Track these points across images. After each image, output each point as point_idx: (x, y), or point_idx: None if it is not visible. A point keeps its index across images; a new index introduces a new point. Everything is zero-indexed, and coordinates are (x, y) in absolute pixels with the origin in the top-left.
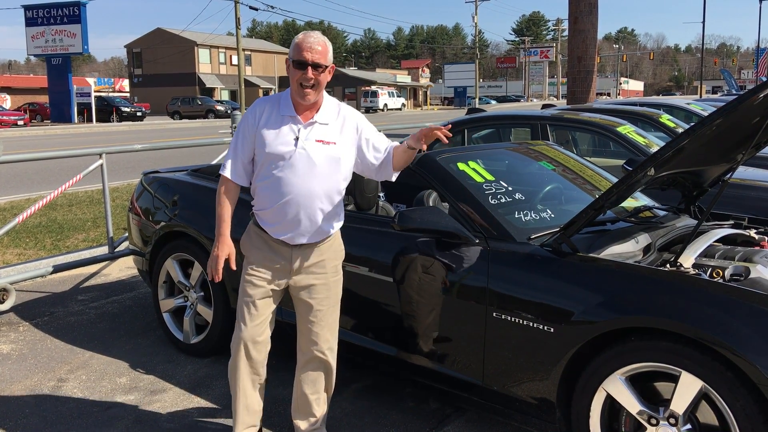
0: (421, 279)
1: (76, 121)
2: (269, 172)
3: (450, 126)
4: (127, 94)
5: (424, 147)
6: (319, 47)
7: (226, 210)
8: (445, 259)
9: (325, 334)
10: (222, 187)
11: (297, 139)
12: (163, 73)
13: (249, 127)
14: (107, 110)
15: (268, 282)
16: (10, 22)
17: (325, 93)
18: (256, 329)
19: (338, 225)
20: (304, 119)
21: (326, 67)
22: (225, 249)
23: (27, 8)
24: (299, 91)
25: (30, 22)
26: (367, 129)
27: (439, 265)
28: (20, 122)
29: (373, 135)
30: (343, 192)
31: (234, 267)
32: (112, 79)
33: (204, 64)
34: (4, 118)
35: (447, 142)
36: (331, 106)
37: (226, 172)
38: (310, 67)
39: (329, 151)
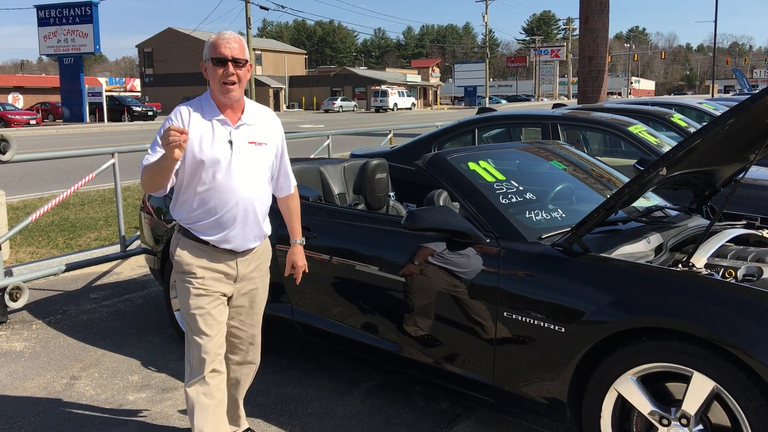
0: (431, 278)
1: (87, 120)
2: (205, 180)
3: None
4: (139, 94)
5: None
6: (236, 44)
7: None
8: (455, 258)
9: (257, 335)
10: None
11: (231, 142)
12: (174, 73)
13: None
14: (119, 110)
15: (216, 290)
16: (23, 22)
17: (244, 96)
18: (218, 340)
19: (270, 227)
20: (233, 121)
21: (246, 62)
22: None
23: (39, 8)
24: (222, 89)
25: (42, 22)
26: (284, 143)
27: (449, 265)
28: (33, 122)
29: (287, 159)
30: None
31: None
32: (124, 79)
33: None
34: (17, 117)
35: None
36: (253, 106)
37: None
38: (230, 63)
39: (261, 152)
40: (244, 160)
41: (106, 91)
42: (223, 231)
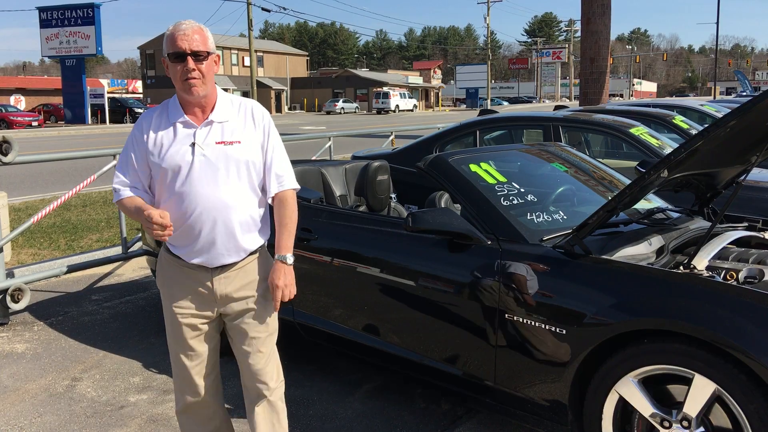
0: (432, 280)
1: (89, 122)
2: (170, 188)
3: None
4: (141, 95)
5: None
6: (196, 35)
7: (136, 201)
8: (457, 260)
9: (266, 367)
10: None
11: (194, 144)
12: None
13: (137, 143)
14: (120, 111)
15: (194, 316)
16: (25, 23)
17: (219, 89)
18: (199, 370)
19: (263, 239)
20: (198, 121)
21: (208, 54)
22: (154, 211)
23: (41, 10)
24: (184, 87)
25: (44, 24)
26: (275, 138)
27: (450, 267)
28: (34, 123)
29: (278, 155)
30: (264, 198)
31: (169, 223)
32: (126, 81)
33: None
34: (19, 119)
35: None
36: (227, 100)
37: (123, 195)
38: (189, 57)
39: (233, 152)
40: (209, 163)
41: (108, 92)
42: (190, 243)
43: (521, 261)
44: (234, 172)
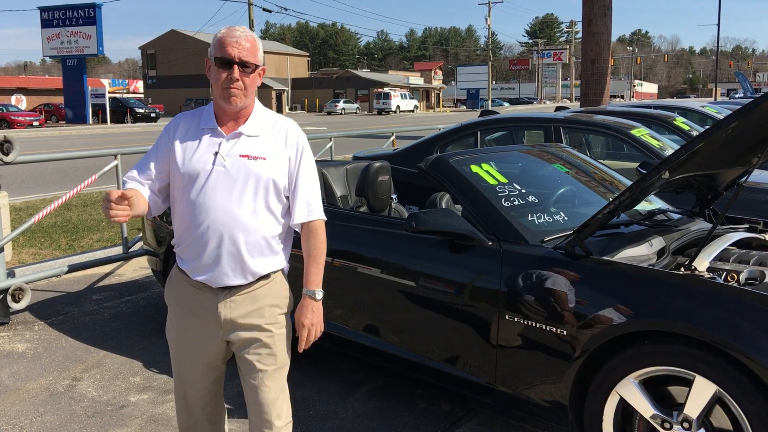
0: (433, 281)
1: (90, 121)
2: (184, 196)
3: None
4: (141, 96)
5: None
6: (248, 43)
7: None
8: (457, 260)
9: (273, 403)
10: None
11: (216, 154)
12: (177, 75)
13: (162, 146)
14: (121, 111)
15: (195, 340)
16: (26, 23)
17: (258, 102)
18: (198, 399)
19: (277, 265)
20: (227, 131)
21: (256, 67)
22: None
23: (43, 10)
24: (223, 95)
25: (45, 24)
26: (307, 162)
27: (451, 267)
28: (35, 123)
29: (307, 180)
30: (283, 220)
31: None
32: (127, 81)
33: None
34: (20, 118)
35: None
36: (263, 116)
37: (126, 187)
38: (236, 66)
39: (256, 167)
40: (228, 176)
41: (109, 92)
42: (196, 257)
43: (522, 262)
44: (252, 188)
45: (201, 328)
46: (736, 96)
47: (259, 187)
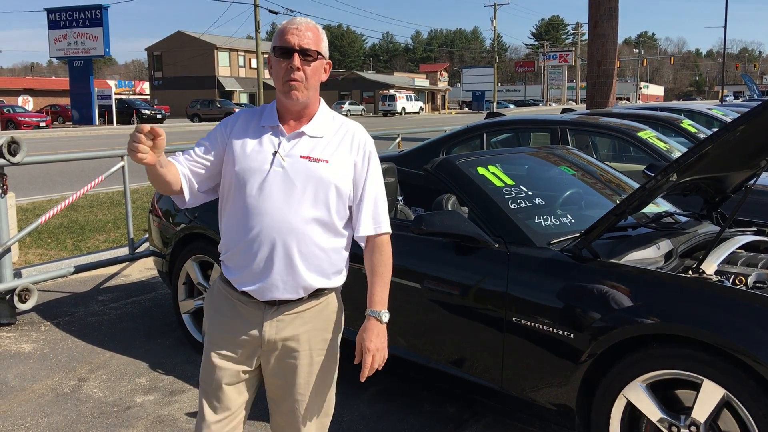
0: (439, 283)
1: (97, 123)
2: (236, 196)
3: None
4: (148, 97)
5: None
6: (309, 32)
7: (169, 163)
8: (464, 263)
9: None
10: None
11: (275, 153)
12: (183, 76)
13: (216, 138)
14: (128, 112)
15: (233, 360)
16: (33, 24)
17: (324, 103)
18: (224, 425)
19: (335, 281)
20: (289, 129)
21: (318, 55)
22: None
23: (50, 11)
24: (284, 88)
25: (52, 25)
26: (375, 171)
27: (458, 270)
28: (42, 124)
29: (375, 189)
30: (345, 231)
31: (160, 132)
32: (133, 82)
33: (223, 67)
34: (27, 119)
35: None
36: (329, 116)
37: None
38: (296, 54)
39: (318, 170)
40: (286, 178)
41: (116, 93)
42: (245, 266)
43: (529, 264)
44: (311, 193)
45: (241, 346)
46: (726, 98)
47: (320, 192)
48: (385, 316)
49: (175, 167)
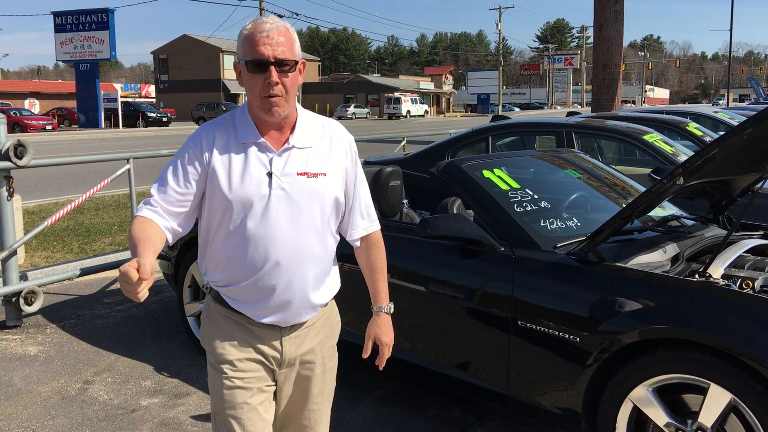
0: (444, 286)
1: (103, 126)
2: (234, 228)
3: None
4: (153, 100)
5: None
6: (281, 37)
7: (147, 227)
8: (469, 266)
9: None
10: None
11: (270, 174)
12: (189, 79)
13: (191, 162)
14: (134, 115)
15: (258, 380)
16: (40, 28)
17: (299, 106)
18: None
19: (336, 289)
20: (276, 145)
21: (295, 63)
22: (131, 264)
23: (56, 15)
24: (263, 105)
25: (59, 29)
26: (360, 168)
27: (463, 273)
28: (48, 127)
29: (364, 188)
30: (337, 236)
31: (146, 274)
32: (139, 85)
33: (229, 70)
34: (33, 122)
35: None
36: (309, 120)
37: (140, 212)
38: (272, 68)
39: (319, 186)
40: (289, 200)
41: (122, 97)
42: (261, 300)
43: (535, 268)
44: (318, 211)
45: (264, 365)
46: (719, 102)
47: (325, 208)
48: (392, 308)
49: (159, 233)
